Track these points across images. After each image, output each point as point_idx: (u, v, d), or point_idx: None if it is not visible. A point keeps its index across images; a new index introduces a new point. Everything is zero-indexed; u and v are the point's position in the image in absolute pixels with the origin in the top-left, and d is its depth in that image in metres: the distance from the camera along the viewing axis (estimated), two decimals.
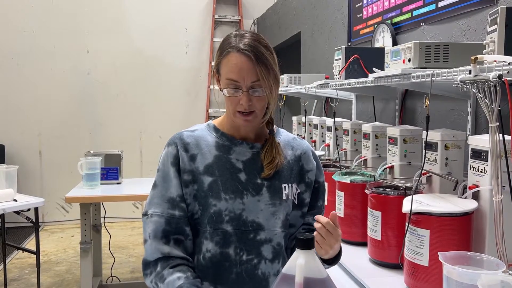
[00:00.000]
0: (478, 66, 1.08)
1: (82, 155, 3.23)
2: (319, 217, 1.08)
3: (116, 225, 5.34)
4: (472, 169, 1.34)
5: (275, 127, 1.28)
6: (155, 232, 1.15)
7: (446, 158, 1.52)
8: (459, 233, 1.25)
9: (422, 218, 1.27)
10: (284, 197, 1.20)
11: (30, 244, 4.58)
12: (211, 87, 5.56)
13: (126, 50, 5.46)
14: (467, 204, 1.27)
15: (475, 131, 1.73)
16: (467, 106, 1.74)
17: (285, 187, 1.21)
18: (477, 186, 1.31)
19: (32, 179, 5.36)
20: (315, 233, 1.06)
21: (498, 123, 1.07)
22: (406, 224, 1.31)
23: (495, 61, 1.12)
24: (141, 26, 5.47)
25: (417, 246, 1.28)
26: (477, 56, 1.08)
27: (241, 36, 1.15)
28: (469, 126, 1.73)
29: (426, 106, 1.28)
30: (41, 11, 5.26)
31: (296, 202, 1.24)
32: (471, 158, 1.34)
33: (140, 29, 5.47)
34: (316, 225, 1.07)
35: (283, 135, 1.29)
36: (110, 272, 3.64)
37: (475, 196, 1.33)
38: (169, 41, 5.55)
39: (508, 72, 0.99)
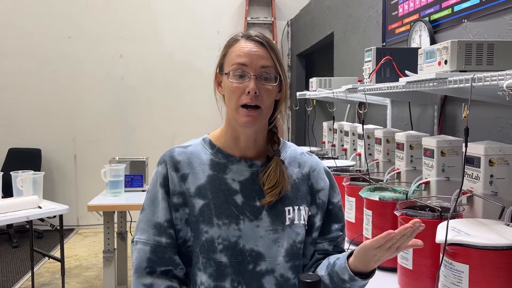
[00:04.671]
0: None
1: (116, 160, 3.20)
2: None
3: None
4: None
5: (281, 141, 1.13)
6: (139, 262, 1.03)
7: (491, 176, 1.30)
8: (506, 269, 1.03)
9: (460, 250, 1.06)
10: (287, 222, 1.06)
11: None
12: None
13: (158, 54, 5.44)
14: None
15: None
16: None
17: (289, 210, 1.06)
18: None
19: (67, 183, 5.44)
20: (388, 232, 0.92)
21: None
22: (441, 255, 1.11)
23: None
24: (172, 30, 5.43)
25: (453, 283, 1.08)
26: None
27: (250, 32, 1.08)
28: None
29: (464, 117, 1.08)
30: (76, 17, 5.33)
31: (307, 228, 1.08)
32: None
33: (172, 33, 5.43)
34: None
35: (289, 151, 1.13)
36: None
37: None
38: (201, 44, 5.47)
39: None
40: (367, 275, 1.03)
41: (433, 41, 2.08)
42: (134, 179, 3.20)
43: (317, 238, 1.12)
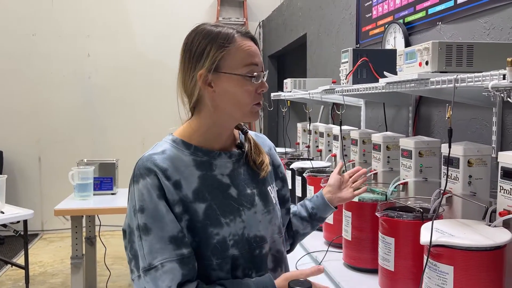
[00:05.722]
0: None
1: (84, 162, 3.08)
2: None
3: (118, 234, 5.17)
4: (502, 191, 1.13)
5: (239, 133, 1.18)
6: (176, 282, 0.94)
7: (470, 176, 1.31)
8: (490, 270, 1.04)
9: (444, 252, 1.06)
10: (274, 201, 1.15)
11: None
12: None
13: (128, 53, 5.32)
14: (499, 235, 1.07)
15: (502, 144, 1.52)
16: (491, 115, 1.53)
17: (270, 190, 1.14)
18: (509, 212, 1.10)
19: (31, 186, 5.22)
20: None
21: None
22: (425, 257, 1.10)
23: None
24: (143, 29, 5.32)
25: (438, 285, 1.08)
26: None
27: (227, 25, 1.07)
28: (494, 138, 1.52)
29: (448, 117, 1.08)
30: (41, 14, 5.13)
31: (278, 201, 1.18)
32: (501, 178, 1.14)
33: (143, 32, 5.32)
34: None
35: (249, 132, 1.19)
36: (106, 286, 3.47)
37: (506, 224, 1.13)
38: (173, 44, 5.37)
39: None
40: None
41: (408, 43, 2.10)
42: (104, 181, 3.10)
43: (289, 208, 1.27)
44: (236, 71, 1.01)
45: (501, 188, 1.14)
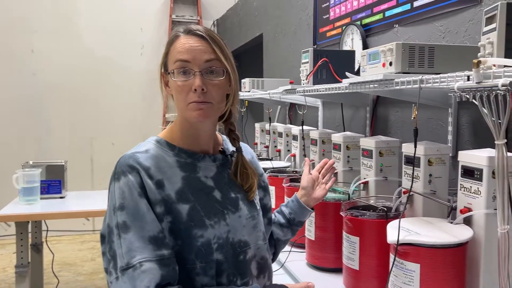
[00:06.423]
0: (481, 72, 0.90)
1: (29, 164, 2.89)
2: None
3: (65, 239, 4.93)
4: (463, 189, 1.17)
5: (223, 137, 1.15)
6: (155, 283, 0.89)
7: (430, 175, 1.35)
8: (454, 267, 1.06)
9: (411, 250, 1.07)
10: (258, 207, 1.14)
11: None
12: None
13: (76, 50, 5.08)
14: (461, 232, 1.09)
15: (457, 143, 1.57)
16: (447, 115, 1.59)
17: (254, 196, 1.12)
18: (470, 210, 1.14)
19: None
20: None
21: (506, 140, 0.89)
22: (392, 256, 1.11)
23: (494, 65, 0.94)
24: (92, 25, 5.10)
25: (404, 283, 1.09)
26: (480, 59, 0.90)
27: (188, 24, 1.05)
28: (450, 137, 1.57)
29: (414, 117, 1.09)
30: None
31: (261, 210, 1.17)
32: (461, 176, 1.17)
33: (92, 28, 5.10)
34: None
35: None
36: None
37: (467, 221, 1.16)
38: (122, 41, 5.21)
39: None
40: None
41: (365, 45, 2.14)
42: (52, 185, 2.93)
43: (271, 217, 1.26)
44: (169, 68, 1.03)
45: (462, 186, 1.17)
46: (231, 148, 1.15)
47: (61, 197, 2.95)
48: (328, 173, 1.39)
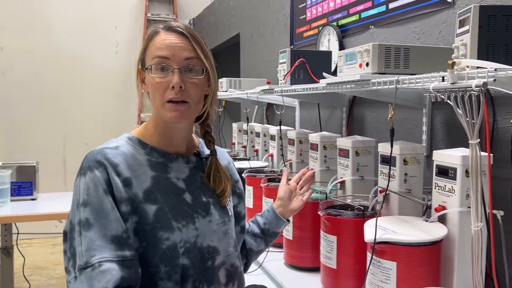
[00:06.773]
0: (456, 73, 0.91)
1: None
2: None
3: (36, 242, 4.80)
4: (437, 187, 1.19)
5: (199, 140, 1.13)
6: (113, 285, 0.85)
7: (405, 174, 1.37)
8: (430, 264, 1.08)
9: (387, 248, 1.09)
10: (230, 213, 1.11)
11: None
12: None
13: (47, 48, 4.95)
14: (436, 230, 1.12)
15: (431, 143, 1.60)
16: (422, 115, 1.61)
17: (226, 202, 1.09)
18: (444, 208, 1.16)
19: None
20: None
21: (479, 140, 0.91)
22: (369, 254, 1.13)
23: (468, 67, 0.96)
24: (64, 22, 4.99)
25: (381, 281, 1.10)
26: (455, 60, 0.92)
27: (167, 21, 1.05)
28: (424, 137, 1.60)
29: (390, 117, 1.11)
30: None
31: (234, 217, 1.14)
32: (436, 175, 1.19)
33: (64, 25, 4.98)
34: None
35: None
36: None
37: (441, 219, 1.18)
38: (97, 39, 5.11)
39: (494, 79, 0.84)
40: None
41: (341, 46, 2.16)
42: (22, 186, 2.84)
43: (244, 226, 1.22)
44: (146, 64, 1.01)
45: (436, 185, 1.19)
46: (207, 152, 1.13)
47: (32, 199, 2.87)
48: (306, 184, 1.37)
